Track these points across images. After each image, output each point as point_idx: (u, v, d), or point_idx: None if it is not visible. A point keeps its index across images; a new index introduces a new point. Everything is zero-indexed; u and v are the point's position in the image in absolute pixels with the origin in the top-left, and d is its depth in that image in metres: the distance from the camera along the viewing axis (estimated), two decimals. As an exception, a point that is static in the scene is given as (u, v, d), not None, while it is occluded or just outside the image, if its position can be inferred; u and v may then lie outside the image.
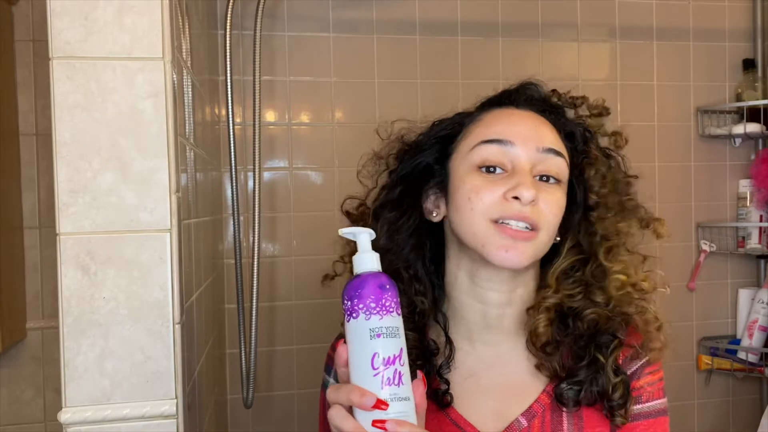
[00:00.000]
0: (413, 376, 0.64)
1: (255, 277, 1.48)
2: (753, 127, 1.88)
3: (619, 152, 0.86)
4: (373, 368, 0.61)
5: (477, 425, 0.77)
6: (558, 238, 0.80)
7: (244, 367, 1.51)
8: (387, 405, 0.60)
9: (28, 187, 1.58)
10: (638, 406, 0.79)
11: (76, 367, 0.79)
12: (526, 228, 0.73)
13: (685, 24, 1.95)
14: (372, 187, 0.86)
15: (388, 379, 0.61)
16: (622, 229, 0.79)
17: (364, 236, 0.66)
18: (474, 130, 0.79)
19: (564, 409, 0.77)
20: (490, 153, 0.75)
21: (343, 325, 0.64)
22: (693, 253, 1.99)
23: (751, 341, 1.92)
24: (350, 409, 0.62)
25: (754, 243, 1.93)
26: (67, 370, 0.79)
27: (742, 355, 1.93)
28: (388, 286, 0.64)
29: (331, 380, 0.86)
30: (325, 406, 0.82)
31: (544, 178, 0.76)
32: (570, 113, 0.86)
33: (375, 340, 0.62)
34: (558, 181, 0.77)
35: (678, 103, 1.96)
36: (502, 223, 0.73)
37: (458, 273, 0.81)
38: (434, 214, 0.81)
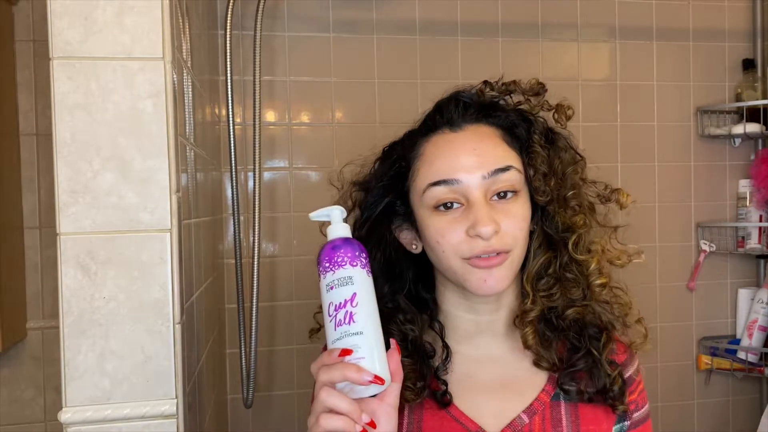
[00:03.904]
0: (387, 343, 0.69)
1: (255, 277, 1.48)
2: (753, 127, 1.88)
3: (565, 128, 0.83)
4: (329, 316, 0.69)
5: (479, 422, 0.78)
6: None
7: (244, 367, 1.51)
8: (349, 352, 0.66)
9: (28, 187, 1.58)
10: (637, 413, 0.84)
11: (77, 367, 0.79)
12: (497, 254, 0.75)
13: (685, 24, 1.96)
14: None
15: (339, 320, 0.68)
16: (578, 222, 0.79)
17: (335, 212, 0.73)
18: (420, 170, 0.79)
19: (564, 402, 0.80)
20: (440, 194, 0.76)
21: None
22: (693, 253, 1.99)
23: (751, 341, 1.92)
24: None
25: (753, 243, 1.94)
26: (67, 370, 0.79)
27: (741, 355, 1.93)
28: (340, 244, 0.71)
29: None
30: None
31: (501, 194, 0.76)
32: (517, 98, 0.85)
33: (329, 292, 0.70)
34: (515, 191, 0.77)
35: (678, 103, 1.96)
36: (475, 257, 0.75)
37: (447, 291, 0.84)
38: (414, 247, 0.83)
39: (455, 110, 0.81)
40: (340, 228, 0.73)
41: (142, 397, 0.80)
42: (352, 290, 0.68)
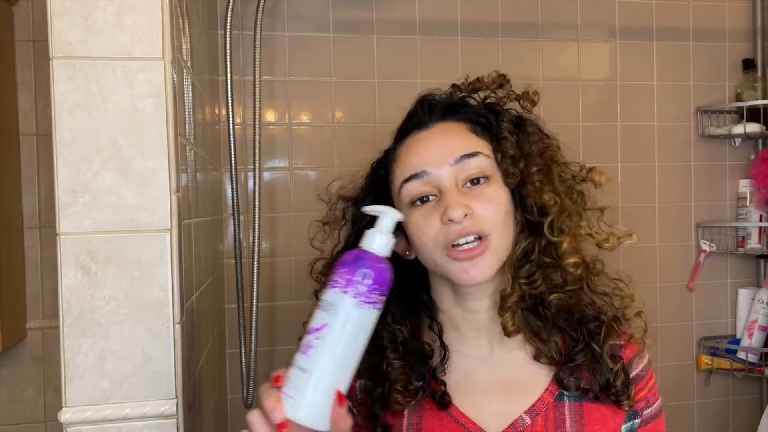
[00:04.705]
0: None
1: (255, 277, 1.48)
2: (753, 127, 1.88)
3: (532, 114, 0.84)
4: (305, 334, 0.64)
5: (480, 423, 0.78)
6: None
7: (244, 367, 1.51)
8: (279, 381, 0.62)
9: (28, 187, 1.58)
10: (648, 410, 0.84)
11: (77, 367, 0.79)
12: (476, 239, 0.74)
13: (685, 24, 1.95)
14: (336, 243, 0.87)
15: (301, 346, 0.63)
16: (548, 201, 0.77)
17: (385, 218, 0.67)
18: (395, 171, 0.81)
19: (568, 402, 0.79)
20: (413, 189, 0.77)
21: None
22: (693, 253, 1.99)
23: (751, 341, 1.92)
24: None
25: (754, 243, 1.94)
26: (67, 370, 0.79)
27: (741, 354, 1.93)
28: (350, 261, 0.64)
29: None
30: None
31: (474, 181, 0.76)
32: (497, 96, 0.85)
33: (316, 310, 0.64)
34: (486, 177, 0.77)
35: (678, 103, 1.96)
36: (453, 246, 0.74)
37: (442, 290, 0.83)
38: (408, 254, 0.83)
39: (422, 112, 0.83)
40: (377, 239, 0.66)
41: (142, 397, 0.80)
42: (324, 320, 0.62)
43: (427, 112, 0.83)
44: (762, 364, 1.92)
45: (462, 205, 0.73)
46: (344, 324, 0.63)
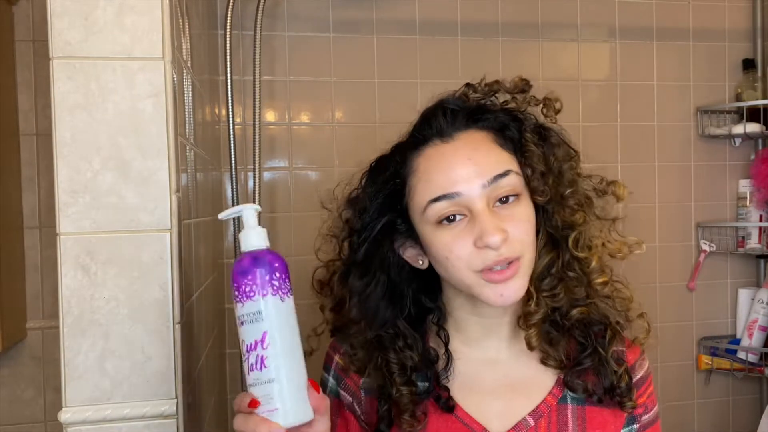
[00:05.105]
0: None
1: (255, 277, 1.47)
2: (753, 127, 1.88)
3: (555, 122, 0.82)
4: (243, 356, 0.65)
5: (484, 423, 0.78)
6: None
7: (244, 367, 1.51)
8: (257, 403, 0.63)
9: (28, 187, 1.58)
10: (646, 416, 0.85)
11: (76, 367, 0.79)
12: (510, 263, 0.73)
13: (685, 24, 1.95)
14: (338, 251, 0.85)
15: (252, 365, 0.64)
16: (578, 220, 0.77)
17: (248, 212, 0.67)
18: (417, 186, 0.76)
19: (571, 405, 0.80)
20: (442, 209, 0.74)
21: None
22: (693, 253, 1.99)
23: (751, 341, 1.92)
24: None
25: (754, 243, 1.93)
26: (67, 370, 0.79)
27: (741, 354, 1.93)
28: (248, 267, 0.64)
29: (331, 379, 0.86)
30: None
31: (503, 199, 0.74)
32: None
33: (241, 327, 0.65)
34: (517, 194, 0.75)
35: (678, 103, 1.96)
36: (488, 270, 0.73)
37: (456, 298, 0.82)
38: (420, 263, 0.81)
39: (443, 119, 0.78)
40: (252, 236, 0.66)
41: (142, 397, 0.80)
42: (262, 329, 0.64)
43: (449, 119, 0.78)
44: (762, 364, 1.92)
45: (499, 230, 0.71)
46: (281, 321, 0.65)
